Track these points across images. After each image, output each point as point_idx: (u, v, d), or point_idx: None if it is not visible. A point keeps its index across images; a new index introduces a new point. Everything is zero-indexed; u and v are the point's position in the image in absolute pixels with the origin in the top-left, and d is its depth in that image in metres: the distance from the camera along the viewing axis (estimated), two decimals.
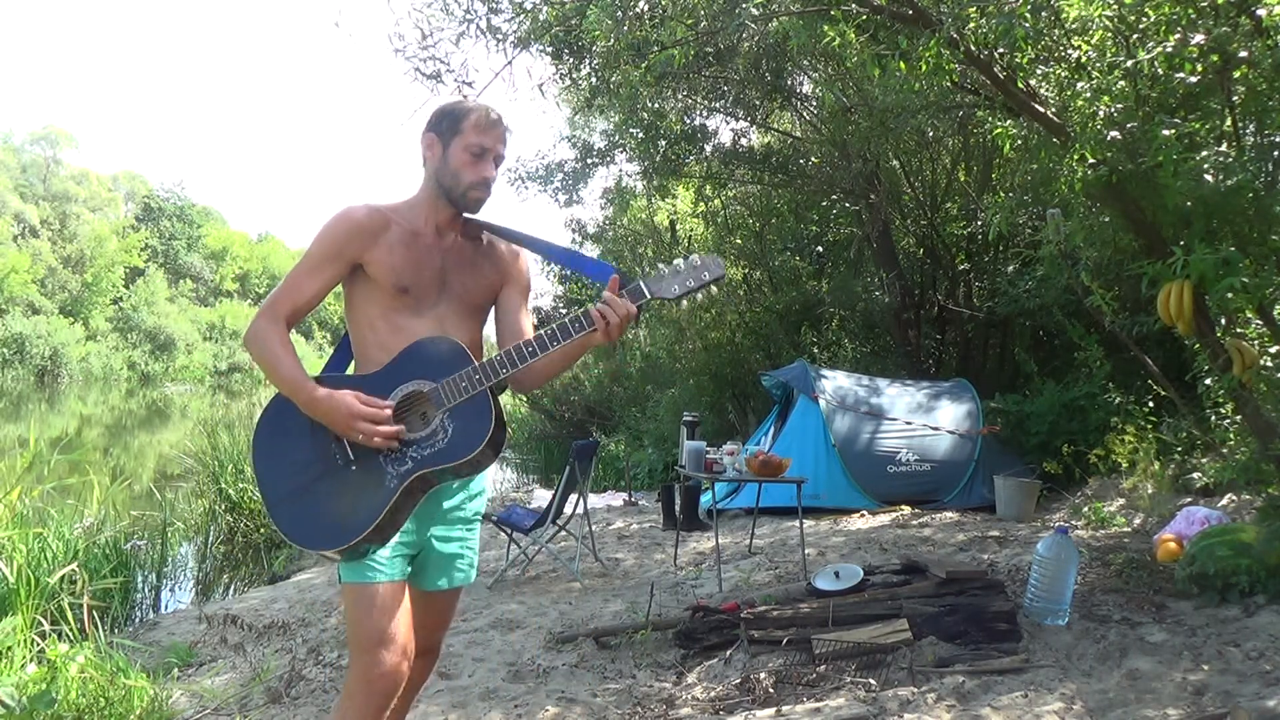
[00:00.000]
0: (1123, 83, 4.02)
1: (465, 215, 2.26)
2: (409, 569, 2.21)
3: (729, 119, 11.03)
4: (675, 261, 2.10)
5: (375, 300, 2.19)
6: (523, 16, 6.18)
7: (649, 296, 2.08)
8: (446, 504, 2.25)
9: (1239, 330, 4.49)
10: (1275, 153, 4.00)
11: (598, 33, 5.48)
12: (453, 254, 2.25)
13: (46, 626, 4.17)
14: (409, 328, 2.17)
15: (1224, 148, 3.82)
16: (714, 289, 2.19)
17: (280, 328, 2.16)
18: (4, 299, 40.67)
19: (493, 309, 2.34)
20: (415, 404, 2.11)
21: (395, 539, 2.13)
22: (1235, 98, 3.98)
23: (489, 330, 2.40)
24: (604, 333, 2.04)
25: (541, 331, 2.09)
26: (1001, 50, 4.31)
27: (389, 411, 2.07)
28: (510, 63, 6.53)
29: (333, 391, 2.09)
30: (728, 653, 3.82)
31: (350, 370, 2.27)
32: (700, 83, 9.52)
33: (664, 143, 10.05)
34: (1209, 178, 3.63)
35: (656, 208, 14.92)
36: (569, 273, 19.66)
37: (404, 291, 2.16)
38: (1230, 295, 3.66)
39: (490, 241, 2.34)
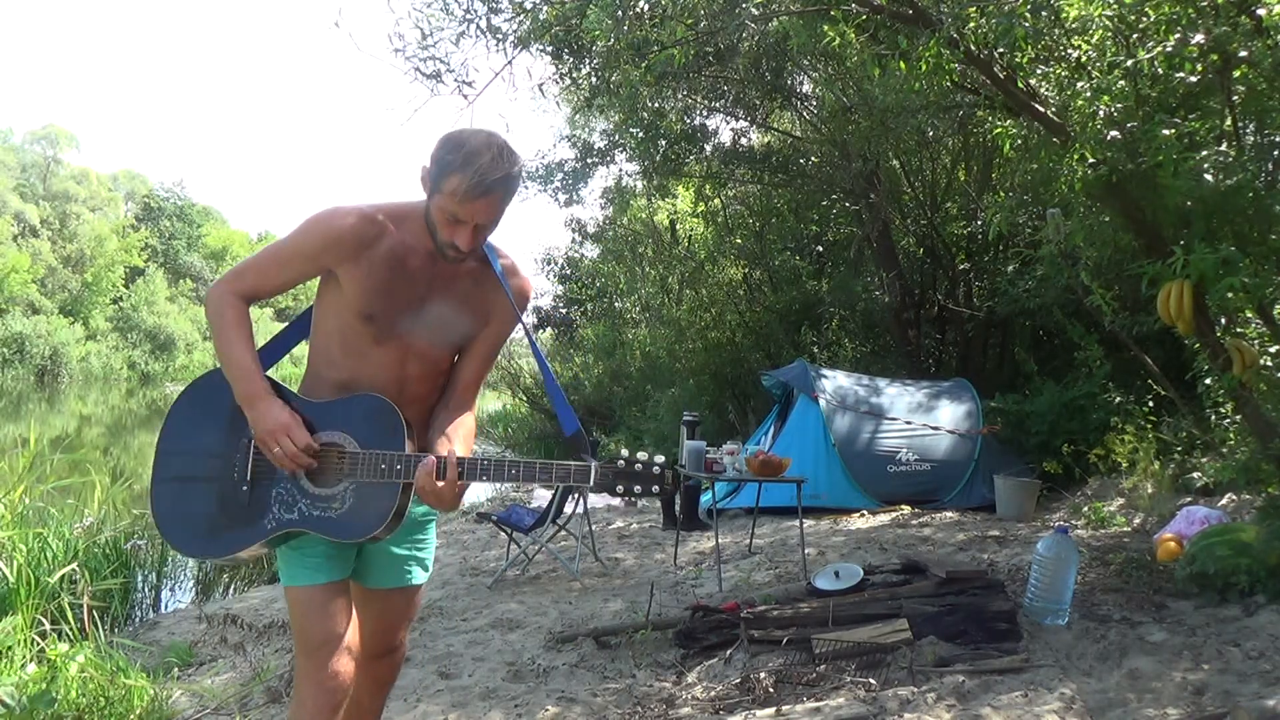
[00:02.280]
0: (1123, 82, 4.02)
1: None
2: (350, 569, 2.13)
3: (729, 119, 11.04)
4: (640, 456, 1.98)
5: (339, 315, 2.06)
6: (523, 16, 6.18)
7: (590, 484, 1.93)
8: (415, 510, 2.18)
9: (1239, 330, 4.49)
10: (1275, 152, 4.00)
11: (598, 33, 5.48)
12: (442, 283, 2.07)
13: (47, 626, 4.17)
14: (365, 353, 2.06)
15: (1224, 147, 3.82)
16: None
17: (239, 303, 2.06)
18: (4, 299, 40.65)
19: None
20: (332, 456, 2.01)
21: (327, 549, 2.05)
22: (1235, 97, 3.98)
23: None
24: (420, 491, 1.93)
25: (480, 460, 1.97)
26: (1001, 50, 4.31)
27: (311, 444, 1.98)
28: (510, 63, 6.53)
29: (274, 399, 2.00)
30: (728, 652, 3.82)
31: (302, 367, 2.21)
32: (700, 83, 9.53)
33: (664, 142, 10.05)
34: (1209, 177, 3.63)
35: (656, 207, 14.92)
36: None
37: (368, 319, 2.03)
38: (1230, 295, 3.66)
39: (493, 273, 2.14)
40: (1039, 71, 4.59)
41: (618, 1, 5.33)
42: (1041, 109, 4.45)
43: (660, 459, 1.99)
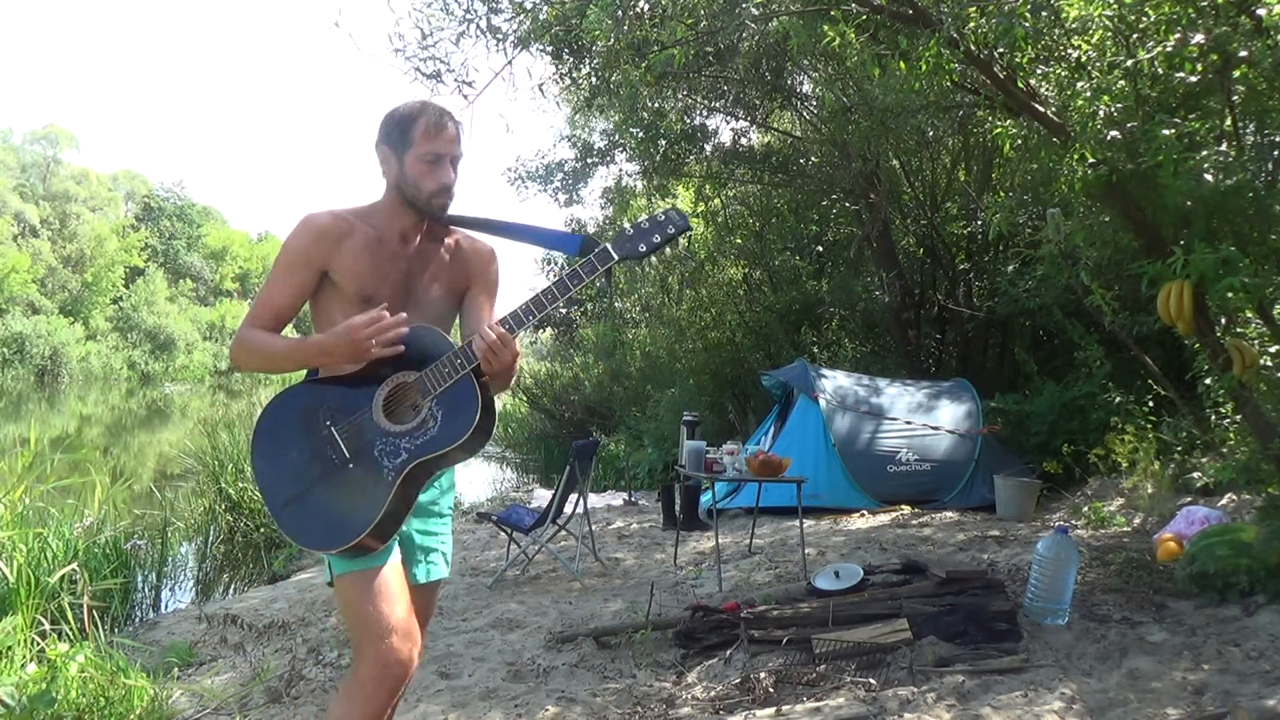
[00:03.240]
0: (1123, 83, 4.02)
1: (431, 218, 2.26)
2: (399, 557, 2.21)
3: (729, 119, 11.04)
4: (639, 219, 2.10)
5: (339, 308, 2.19)
6: (523, 16, 6.18)
7: (616, 258, 2.07)
8: (423, 498, 2.24)
9: (1239, 330, 4.49)
10: (1275, 152, 4.00)
11: (598, 33, 5.48)
12: (418, 260, 2.25)
13: (47, 626, 4.17)
14: None
15: (1224, 147, 3.82)
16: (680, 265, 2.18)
17: (258, 329, 2.19)
18: (4, 299, 40.66)
19: (461, 307, 2.33)
20: (403, 395, 2.12)
21: None
22: (1235, 98, 3.98)
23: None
24: (489, 373, 2.03)
25: (521, 307, 2.09)
26: (1001, 50, 4.31)
27: (384, 313, 2.06)
28: (510, 63, 6.54)
29: (332, 330, 2.09)
30: (728, 652, 3.82)
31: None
32: (700, 83, 9.53)
33: (664, 142, 10.05)
34: (1209, 177, 3.63)
35: (656, 207, 14.91)
36: (561, 258, 19.61)
37: (367, 300, 2.15)
38: (1230, 295, 3.66)
39: (459, 244, 2.32)
40: (1039, 71, 4.59)
41: (618, 1, 5.33)
42: (1041, 109, 4.45)
43: (660, 212, 2.14)
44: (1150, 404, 6.73)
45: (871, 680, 3.39)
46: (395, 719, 3.37)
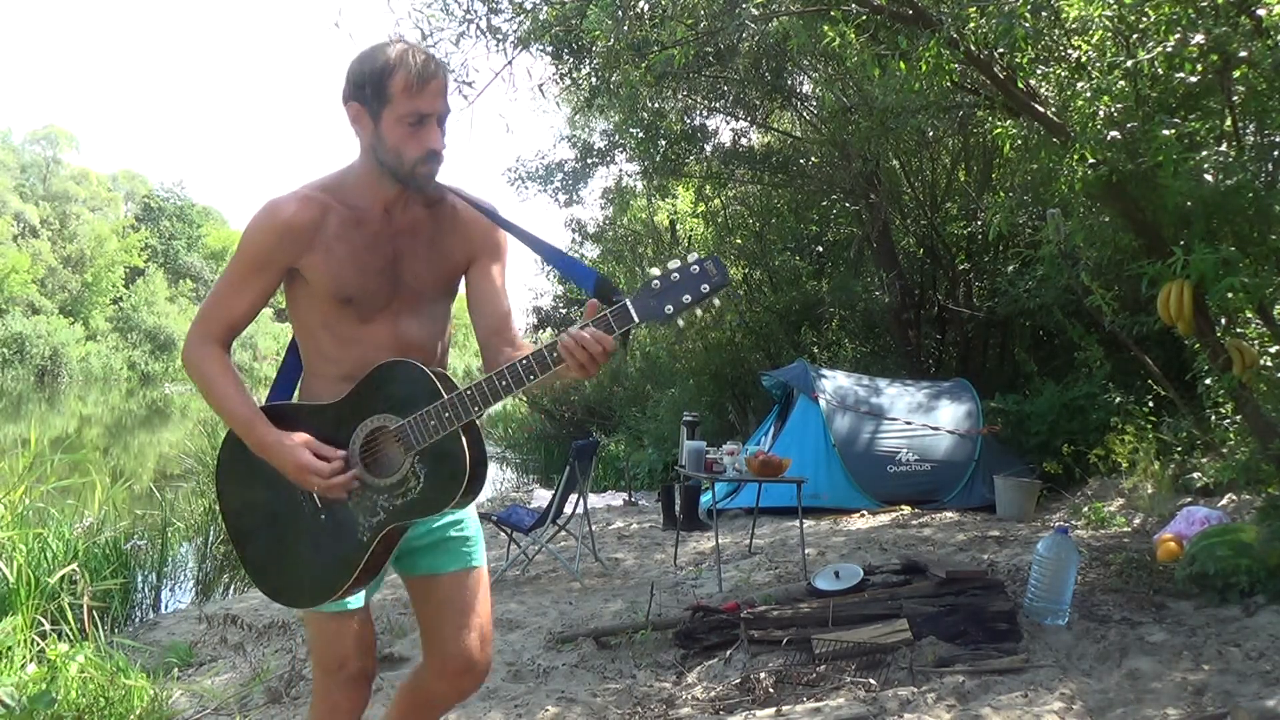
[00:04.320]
0: (1123, 83, 4.02)
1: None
2: (371, 592, 2.05)
3: (729, 119, 11.04)
4: (670, 266, 1.71)
5: (316, 308, 1.92)
6: (523, 16, 6.17)
7: (636, 320, 1.70)
8: None
9: (1239, 330, 4.49)
10: (1275, 153, 4.00)
11: (598, 33, 5.49)
12: (406, 236, 1.92)
13: (46, 626, 4.17)
14: (357, 337, 1.91)
15: (1224, 148, 3.82)
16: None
17: (215, 349, 1.91)
18: (4, 299, 40.64)
19: (466, 282, 2.04)
20: (381, 442, 1.86)
21: None
22: (1235, 98, 3.98)
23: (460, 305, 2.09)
24: (577, 368, 1.70)
25: (520, 361, 1.76)
26: (1001, 50, 4.31)
27: (338, 463, 1.83)
28: (510, 63, 6.53)
29: (282, 438, 1.84)
30: (728, 653, 3.82)
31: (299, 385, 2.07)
32: (700, 83, 9.52)
33: (664, 143, 10.05)
34: (1209, 178, 3.64)
35: (656, 208, 14.92)
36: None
37: (347, 301, 1.89)
38: (1230, 295, 3.66)
39: (454, 206, 1.99)
40: (1039, 71, 4.60)
41: (618, 1, 5.34)
42: (1041, 109, 4.45)
43: (694, 255, 1.73)
44: (1150, 404, 6.73)
45: (871, 680, 3.39)
46: None
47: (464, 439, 1.81)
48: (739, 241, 13.03)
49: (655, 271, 1.72)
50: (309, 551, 1.92)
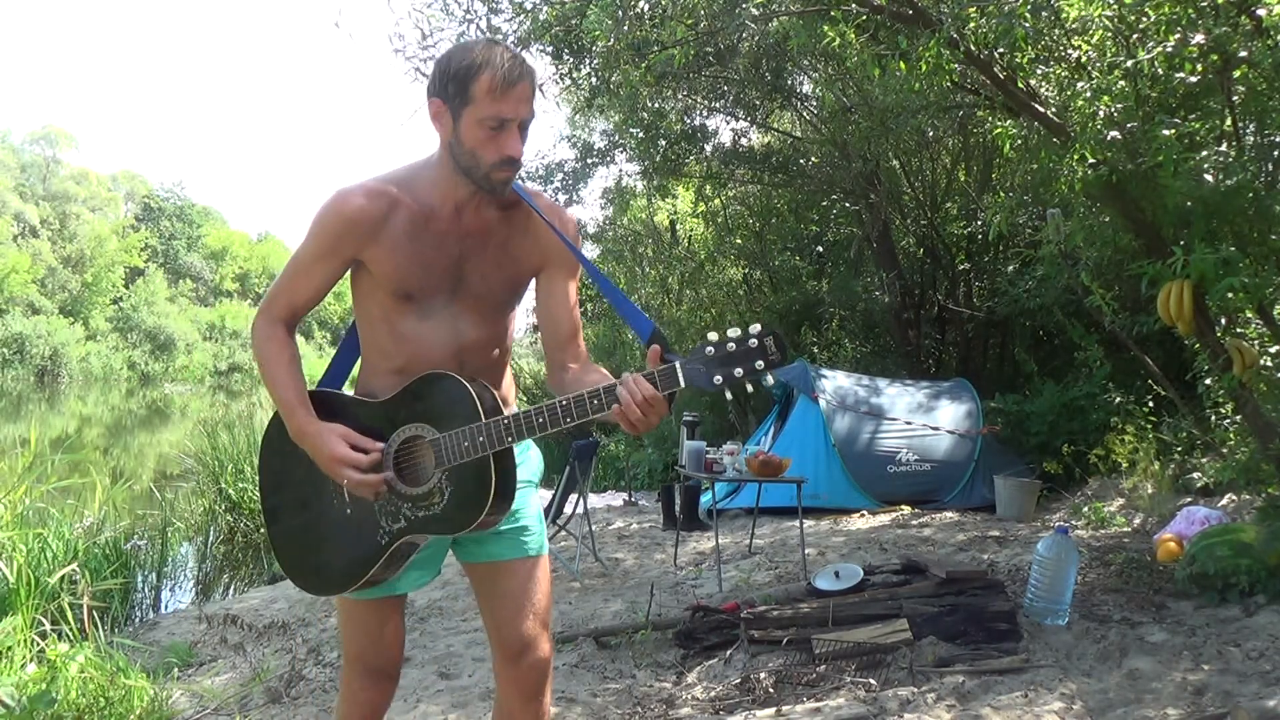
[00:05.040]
0: (1123, 83, 4.02)
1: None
2: (404, 580, 2.03)
3: (729, 119, 11.03)
4: (730, 334, 1.66)
5: (377, 300, 1.93)
6: (523, 16, 6.17)
7: (683, 385, 1.67)
8: None
9: (1239, 330, 4.49)
10: (1275, 153, 4.01)
11: (598, 33, 5.48)
12: (475, 238, 1.91)
13: (47, 626, 4.17)
14: (414, 333, 1.92)
15: (1224, 148, 3.83)
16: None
17: (279, 330, 1.95)
18: (4, 299, 40.65)
19: (535, 290, 2.02)
20: (417, 451, 1.88)
21: None
22: (1235, 98, 3.98)
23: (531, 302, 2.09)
24: (628, 425, 1.68)
25: (560, 402, 1.74)
26: (1001, 50, 4.31)
27: (375, 456, 1.85)
28: None
29: (322, 429, 1.87)
30: (728, 653, 3.82)
31: (356, 366, 2.09)
32: (700, 83, 9.52)
33: (664, 143, 10.05)
34: (1209, 178, 3.64)
35: (656, 208, 14.92)
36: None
37: (407, 298, 1.89)
38: (1230, 295, 3.67)
39: (530, 213, 1.95)
40: (1039, 71, 4.60)
41: (618, 1, 5.33)
42: (1041, 109, 4.45)
43: (756, 327, 1.66)
44: (1150, 404, 6.73)
45: (871, 680, 3.38)
46: (395, 719, 3.38)
47: (494, 466, 1.81)
48: (739, 241, 13.03)
49: (713, 337, 1.67)
50: (329, 543, 1.95)
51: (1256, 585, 3.83)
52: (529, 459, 2.09)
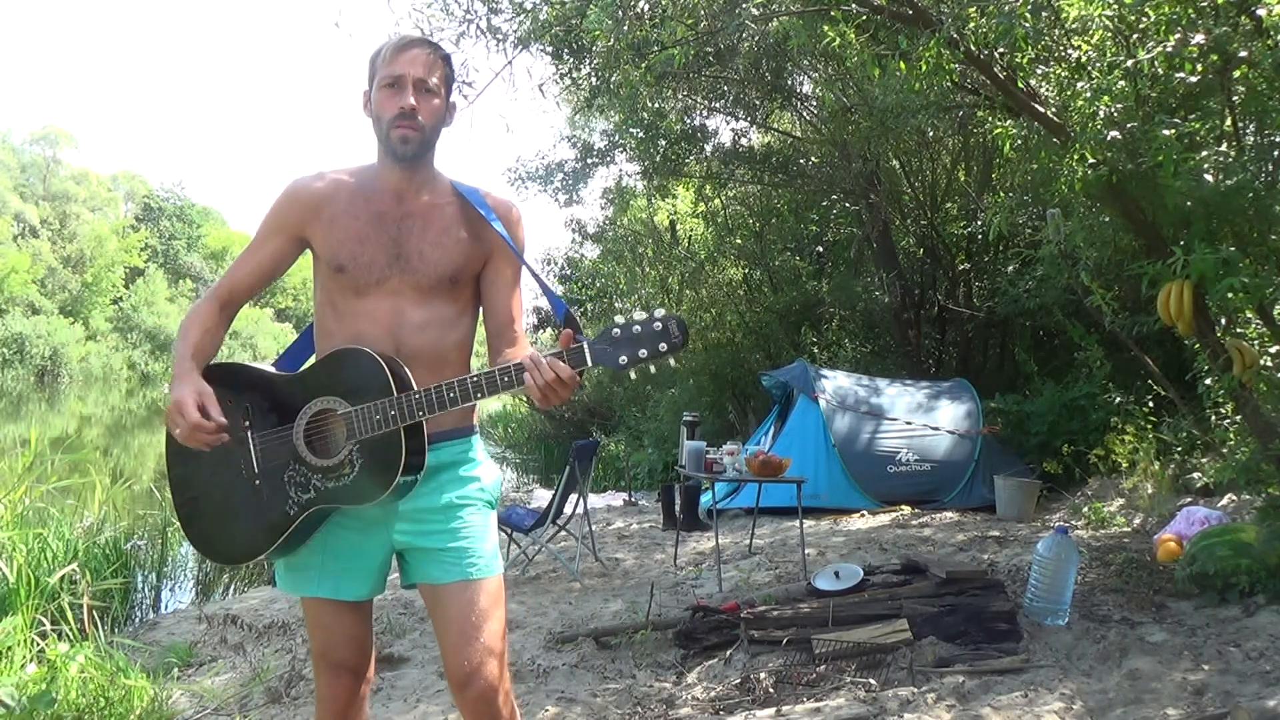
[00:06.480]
0: (1123, 83, 4.02)
1: (454, 182, 2.04)
2: (366, 588, 2.05)
3: (729, 119, 11.04)
4: (635, 317, 1.77)
5: (321, 281, 2.02)
6: (523, 16, 6.18)
7: (589, 364, 1.77)
8: (404, 507, 1.98)
9: (1239, 330, 4.49)
10: (1275, 153, 4.00)
11: (598, 33, 5.48)
12: (416, 219, 1.98)
13: (47, 626, 4.17)
14: (352, 311, 1.97)
15: (1224, 148, 3.82)
16: (669, 355, 1.76)
17: (210, 307, 2.01)
18: (4, 299, 40.65)
19: (481, 279, 2.07)
20: (330, 424, 1.92)
21: (323, 562, 2.02)
22: (1235, 98, 3.98)
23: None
24: (540, 399, 1.77)
25: (470, 378, 1.83)
26: (1001, 50, 4.31)
27: (213, 425, 1.86)
28: (510, 63, 6.53)
29: (187, 379, 1.89)
30: (728, 653, 3.82)
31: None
32: (700, 83, 9.53)
33: (664, 143, 10.05)
34: (1209, 178, 3.64)
35: (656, 208, 14.93)
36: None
37: (340, 270, 1.95)
38: (1230, 295, 3.66)
39: (473, 212, 2.04)
40: (1039, 71, 4.59)
41: (618, 1, 5.33)
42: (1041, 109, 4.44)
43: (660, 311, 1.77)
44: (1150, 404, 6.73)
45: (871, 680, 3.39)
46: (395, 719, 3.38)
47: (404, 440, 1.86)
48: (739, 241, 13.03)
49: (619, 319, 1.78)
50: (236, 513, 1.99)
51: (1256, 585, 3.83)
52: (481, 477, 2.07)
